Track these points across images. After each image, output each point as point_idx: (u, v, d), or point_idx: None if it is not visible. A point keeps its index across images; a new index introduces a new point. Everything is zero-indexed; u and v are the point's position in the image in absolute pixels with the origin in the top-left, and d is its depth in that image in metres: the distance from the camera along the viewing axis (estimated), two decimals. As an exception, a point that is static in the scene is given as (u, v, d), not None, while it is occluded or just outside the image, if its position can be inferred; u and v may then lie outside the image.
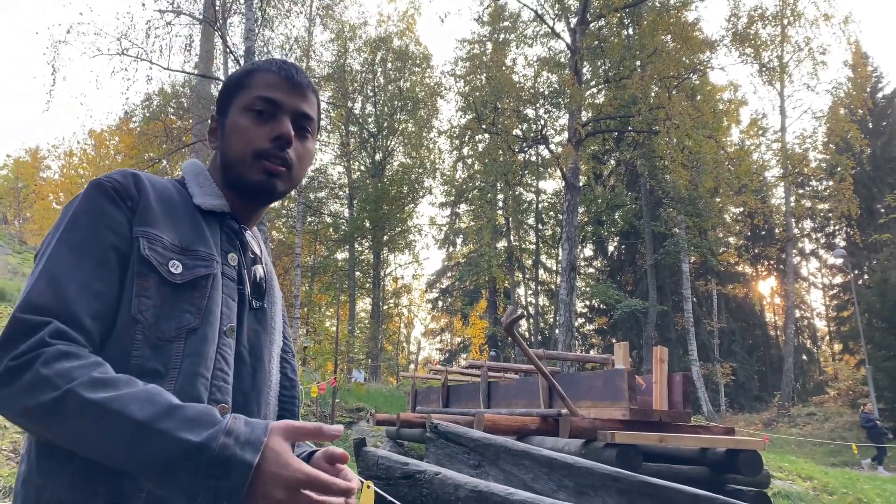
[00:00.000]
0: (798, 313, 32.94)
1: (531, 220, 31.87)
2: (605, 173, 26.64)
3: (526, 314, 29.53)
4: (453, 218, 33.58)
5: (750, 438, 5.79)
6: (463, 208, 32.50)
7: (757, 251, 33.32)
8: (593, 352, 29.34)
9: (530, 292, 33.55)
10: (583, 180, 17.99)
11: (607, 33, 18.39)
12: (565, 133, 20.18)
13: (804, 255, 35.29)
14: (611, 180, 27.61)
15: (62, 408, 0.71)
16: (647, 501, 2.81)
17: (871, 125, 30.34)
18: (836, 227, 32.24)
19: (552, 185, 32.57)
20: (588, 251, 32.85)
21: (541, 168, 28.62)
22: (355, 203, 24.73)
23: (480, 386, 7.87)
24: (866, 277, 29.54)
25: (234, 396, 0.89)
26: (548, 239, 31.90)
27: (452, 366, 21.35)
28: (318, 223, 26.08)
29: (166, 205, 0.91)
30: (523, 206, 30.89)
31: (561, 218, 18.24)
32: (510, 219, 30.43)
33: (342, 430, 0.77)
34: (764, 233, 32.01)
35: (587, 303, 31.32)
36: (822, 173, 24.45)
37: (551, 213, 31.08)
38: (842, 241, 30.29)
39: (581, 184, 16.86)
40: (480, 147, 22.94)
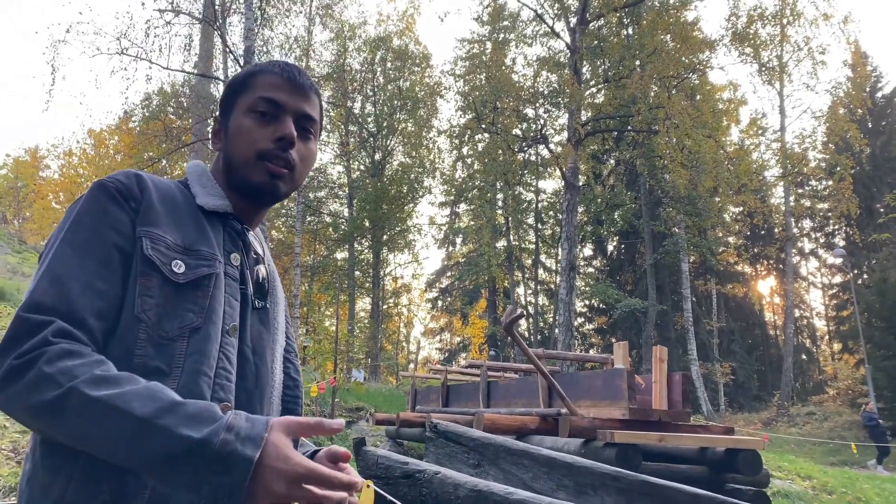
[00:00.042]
0: (797, 313, 33.00)
1: (531, 220, 31.85)
2: (605, 173, 26.64)
3: (525, 314, 29.52)
4: (453, 217, 33.53)
5: (749, 438, 5.80)
6: (462, 208, 32.44)
7: (756, 251, 33.34)
8: (593, 351, 29.36)
9: (530, 292, 33.53)
10: (582, 180, 17.96)
11: (607, 33, 18.39)
12: (565, 133, 20.15)
13: (803, 255, 35.31)
14: (610, 180, 27.62)
15: (65, 405, 0.71)
16: (646, 501, 2.81)
17: (870, 125, 30.37)
18: (836, 226, 32.22)
19: (552, 185, 32.64)
20: (587, 251, 32.86)
21: (540, 168, 28.60)
22: (355, 202, 24.72)
23: (480, 385, 7.87)
24: (865, 277, 29.56)
25: (237, 395, 0.89)
26: (547, 238, 31.89)
27: (452, 365, 21.35)
28: (318, 223, 26.04)
29: (169, 205, 0.92)
30: (523, 205, 30.87)
31: (560, 217, 18.23)
32: (510, 218, 30.38)
33: (343, 423, 0.78)
34: (763, 232, 32.04)
35: (587, 302, 31.32)
36: (822, 173, 24.44)
37: (551, 212, 31.08)
38: (841, 241, 30.29)
39: (580, 183, 16.85)
40: (480, 147, 22.89)
